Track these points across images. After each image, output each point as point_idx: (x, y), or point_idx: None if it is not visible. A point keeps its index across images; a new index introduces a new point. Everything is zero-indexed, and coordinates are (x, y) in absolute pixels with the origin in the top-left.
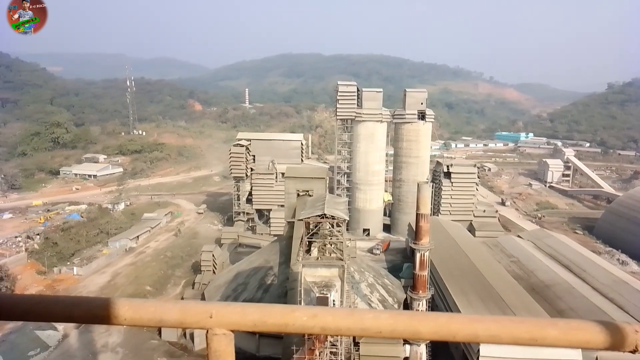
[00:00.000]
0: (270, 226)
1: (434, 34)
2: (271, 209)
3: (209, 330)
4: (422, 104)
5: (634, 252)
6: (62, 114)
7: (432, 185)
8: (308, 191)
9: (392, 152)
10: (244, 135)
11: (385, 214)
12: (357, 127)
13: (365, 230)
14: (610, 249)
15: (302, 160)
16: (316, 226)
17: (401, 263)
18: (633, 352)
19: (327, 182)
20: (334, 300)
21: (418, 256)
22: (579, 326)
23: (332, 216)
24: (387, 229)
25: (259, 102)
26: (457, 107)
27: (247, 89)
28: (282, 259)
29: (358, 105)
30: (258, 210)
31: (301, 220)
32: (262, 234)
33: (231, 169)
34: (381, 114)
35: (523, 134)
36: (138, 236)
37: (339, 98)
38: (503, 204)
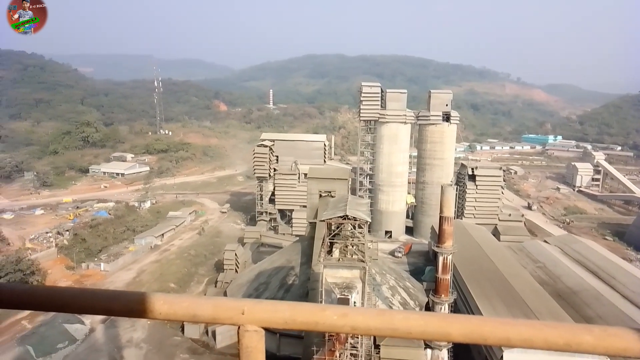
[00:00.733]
0: (292, 226)
1: (460, 34)
2: (293, 209)
3: (240, 326)
4: (447, 105)
5: None
6: (92, 113)
7: (456, 188)
8: (330, 192)
9: (416, 154)
10: (267, 136)
11: (407, 216)
12: (381, 128)
13: (387, 232)
14: None
15: (324, 161)
16: (338, 227)
17: (423, 266)
18: None
19: (350, 183)
20: (354, 302)
21: (441, 259)
22: (616, 333)
23: (354, 217)
24: (409, 231)
25: (282, 103)
26: (482, 108)
27: (271, 90)
28: (304, 259)
29: (382, 106)
30: (280, 210)
31: (323, 221)
32: (284, 234)
33: (254, 169)
34: (405, 115)
35: (551, 137)
36: (163, 234)
37: (362, 99)
38: (529, 208)
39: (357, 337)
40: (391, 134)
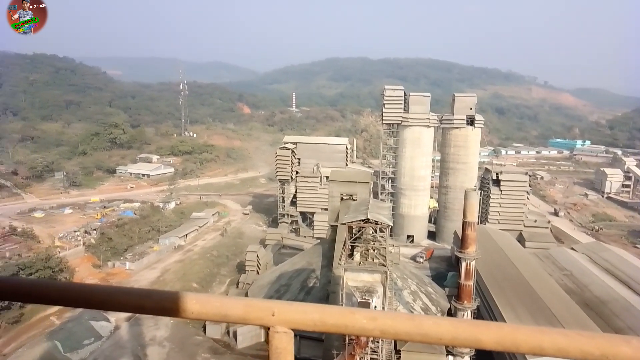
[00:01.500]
0: (313, 229)
1: (486, 37)
2: (315, 212)
3: (270, 327)
4: (471, 108)
5: None
6: (120, 115)
7: (480, 193)
8: (352, 195)
9: (439, 158)
10: (290, 139)
11: (430, 221)
12: (403, 132)
13: (409, 237)
14: None
15: (346, 164)
16: (359, 230)
17: (445, 271)
18: None
19: (371, 186)
20: (375, 306)
21: (464, 265)
22: None
23: (375, 221)
24: (431, 236)
25: (305, 106)
26: (508, 112)
27: (294, 93)
28: (325, 262)
29: (405, 110)
30: (302, 213)
31: (344, 224)
32: (305, 236)
33: (277, 171)
34: (428, 118)
35: (579, 142)
36: (187, 234)
37: (385, 102)
38: (556, 214)
39: (378, 342)
40: (414, 137)
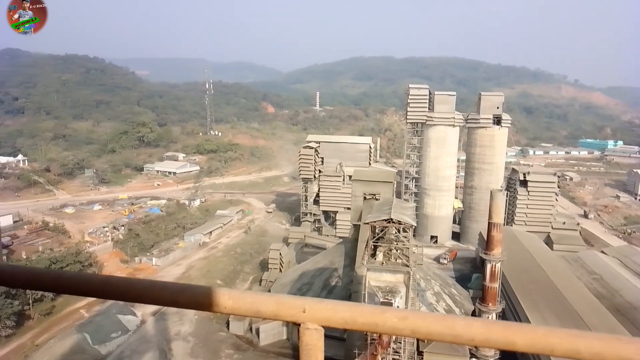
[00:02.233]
0: (336, 228)
1: (513, 35)
2: (337, 211)
3: (301, 324)
4: (498, 108)
5: None
6: (148, 114)
7: (507, 194)
8: (375, 195)
9: (464, 158)
10: (313, 138)
11: (454, 222)
12: (428, 131)
13: (432, 237)
14: None
15: (369, 164)
16: (382, 230)
17: (470, 273)
18: None
19: (395, 186)
20: (397, 307)
21: (489, 267)
22: None
23: (398, 221)
24: (456, 237)
25: (329, 105)
26: (536, 111)
27: (318, 92)
28: (347, 262)
29: (429, 109)
30: (325, 212)
31: (367, 223)
32: (327, 235)
33: (300, 170)
34: (454, 117)
35: (611, 142)
36: (211, 232)
37: (409, 101)
38: (586, 216)
39: (400, 342)
40: (439, 136)
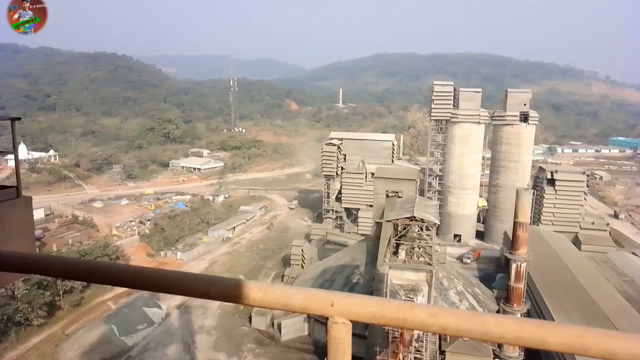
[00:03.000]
0: (358, 225)
1: (542, 30)
2: (359, 208)
3: (329, 318)
4: (525, 105)
5: None
6: (173, 111)
7: (533, 193)
8: (397, 192)
9: (489, 156)
10: (336, 135)
11: (478, 220)
12: (452, 128)
13: (456, 236)
14: None
15: (392, 161)
16: (404, 228)
17: (494, 273)
18: None
19: (418, 184)
20: None
21: (514, 267)
22: None
23: (421, 219)
24: (479, 235)
25: (352, 102)
26: (565, 108)
27: (341, 89)
28: (369, 259)
29: (454, 106)
30: (347, 209)
31: (390, 221)
32: (349, 232)
33: (322, 167)
34: (479, 115)
35: None
36: (234, 227)
37: (434, 98)
38: (616, 216)
39: (422, 341)
40: (463, 134)
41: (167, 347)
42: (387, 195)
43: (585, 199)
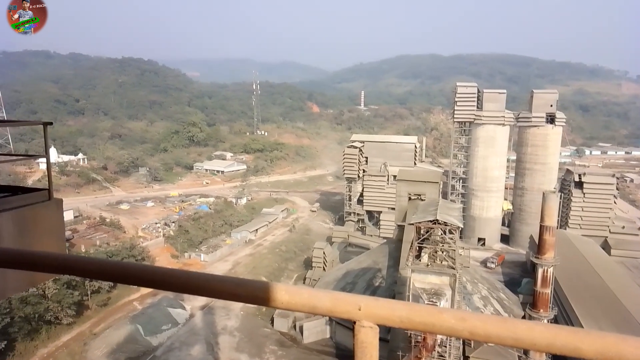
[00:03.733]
0: (379, 228)
1: (569, 29)
2: (381, 211)
3: (356, 321)
4: (551, 106)
5: None
6: (198, 114)
7: (560, 195)
8: (420, 195)
9: (514, 158)
10: (357, 137)
11: (503, 224)
12: (476, 130)
13: (480, 240)
14: None
15: (415, 163)
16: (427, 231)
17: (519, 277)
18: None
19: (441, 186)
20: None
21: (540, 272)
22: None
23: (444, 222)
24: (504, 239)
25: (374, 104)
26: (593, 109)
27: (362, 91)
28: (391, 262)
29: (478, 107)
30: (368, 212)
31: (412, 224)
32: (371, 235)
33: (344, 170)
34: (503, 116)
35: None
36: (257, 229)
37: (457, 100)
38: None
39: (445, 346)
40: (487, 136)
41: (191, 347)
42: (410, 198)
43: (615, 202)
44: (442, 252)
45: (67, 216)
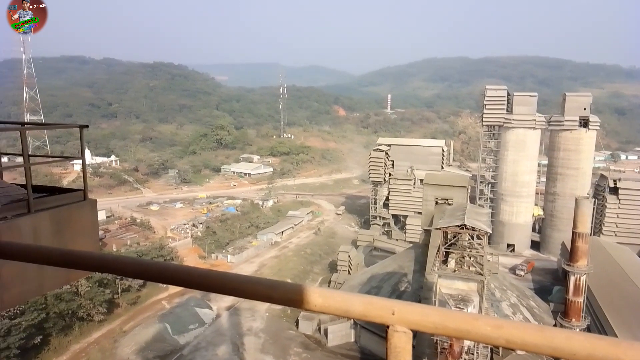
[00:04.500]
0: (405, 232)
1: (604, 30)
2: (407, 215)
3: (390, 326)
4: (585, 109)
5: None
6: (226, 118)
7: (594, 201)
8: (447, 199)
9: (545, 162)
10: (384, 140)
11: (534, 230)
12: (506, 134)
13: (509, 246)
14: None
15: (442, 167)
16: (455, 236)
17: (550, 285)
18: None
19: (469, 191)
20: None
21: (572, 280)
22: None
23: (472, 227)
24: (535, 246)
25: (400, 108)
26: (630, 113)
27: (389, 95)
28: (417, 267)
29: (507, 111)
30: (394, 216)
31: (439, 229)
32: (397, 239)
33: (370, 173)
34: (534, 120)
35: None
36: (283, 231)
37: (486, 103)
38: None
39: (473, 354)
40: (517, 140)
41: (217, 347)
42: (437, 203)
43: None
44: (470, 258)
45: (100, 216)
